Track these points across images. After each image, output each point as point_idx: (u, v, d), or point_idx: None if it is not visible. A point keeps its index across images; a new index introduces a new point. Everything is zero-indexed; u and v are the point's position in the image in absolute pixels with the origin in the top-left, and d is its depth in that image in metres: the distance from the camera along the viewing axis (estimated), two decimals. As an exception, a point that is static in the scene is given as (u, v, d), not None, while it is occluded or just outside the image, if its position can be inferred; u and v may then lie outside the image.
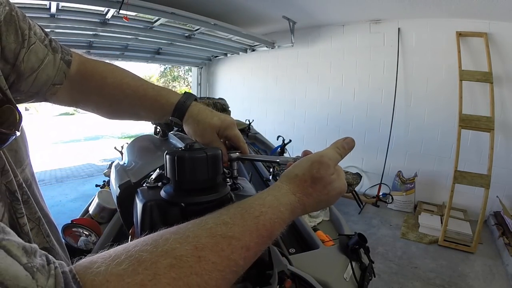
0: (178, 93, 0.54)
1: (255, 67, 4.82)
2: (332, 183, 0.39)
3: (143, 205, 0.40)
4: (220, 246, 0.28)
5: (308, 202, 0.37)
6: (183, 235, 0.28)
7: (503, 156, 2.82)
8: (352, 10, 3.20)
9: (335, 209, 1.17)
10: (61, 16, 2.44)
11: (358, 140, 2.12)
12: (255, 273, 0.45)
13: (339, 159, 0.43)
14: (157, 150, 0.78)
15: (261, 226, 0.32)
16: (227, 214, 0.32)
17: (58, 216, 3.40)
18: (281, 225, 0.34)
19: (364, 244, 0.80)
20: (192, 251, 0.27)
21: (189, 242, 0.27)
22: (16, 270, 0.19)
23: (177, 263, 0.25)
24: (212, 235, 0.29)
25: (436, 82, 3.17)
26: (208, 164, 0.41)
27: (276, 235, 0.33)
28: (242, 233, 0.30)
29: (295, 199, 0.36)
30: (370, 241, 1.11)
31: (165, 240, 0.27)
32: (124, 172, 0.61)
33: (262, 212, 0.33)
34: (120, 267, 0.23)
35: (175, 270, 0.25)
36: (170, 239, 0.27)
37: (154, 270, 0.24)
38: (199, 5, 2.80)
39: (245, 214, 0.32)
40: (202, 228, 0.30)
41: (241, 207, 0.33)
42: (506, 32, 2.72)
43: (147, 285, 0.23)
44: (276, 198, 0.35)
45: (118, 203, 0.56)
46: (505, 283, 2.05)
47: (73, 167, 5.82)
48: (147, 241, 0.27)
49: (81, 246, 0.87)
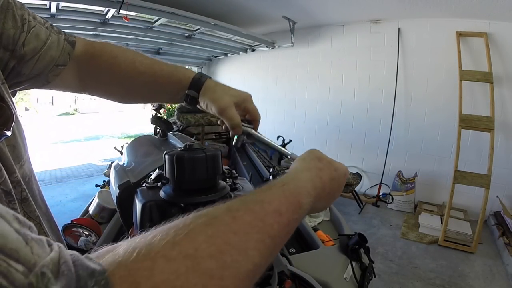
0: (192, 70, 0.55)
1: (255, 67, 4.82)
2: (333, 162, 0.41)
3: (143, 205, 0.40)
4: (252, 207, 0.28)
5: (324, 176, 0.38)
6: (212, 208, 0.27)
7: (503, 156, 2.82)
8: (352, 10, 3.20)
9: (335, 209, 1.17)
10: (61, 16, 2.44)
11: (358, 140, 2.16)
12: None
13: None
14: (156, 150, 0.78)
15: (288, 193, 0.32)
16: (251, 192, 0.33)
17: (58, 216, 3.37)
18: (305, 196, 0.34)
19: (364, 244, 0.80)
20: (225, 211, 0.26)
21: (221, 207, 0.27)
22: (2, 229, 0.15)
23: (213, 222, 0.24)
24: (243, 201, 0.29)
25: (436, 82, 3.17)
26: (207, 164, 0.41)
27: (304, 205, 0.33)
28: (271, 198, 0.30)
29: (312, 174, 0.37)
30: (370, 241, 1.11)
31: (194, 215, 0.26)
32: (124, 172, 0.61)
33: (285, 183, 0.33)
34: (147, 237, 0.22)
35: (210, 227, 0.24)
36: (198, 213, 0.26)
37: (188, 228, 0.23)
38: (199, 5, 2.80)
39: (270, 186, 0.33)
40: (232, 201, 0.29)
41: (263, 186, 0.33)
42: (506, 32, 2.72)
43: (181, 241, 0.22)
44: (294, 174, 0.36)
45: (118, 203, 0.56)
46: (505, 283, 2.05)
47: (73, 167, 5.82)
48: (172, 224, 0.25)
49: (81, 246, 0.87)
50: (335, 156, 4.32)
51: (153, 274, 0.19)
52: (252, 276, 0.25)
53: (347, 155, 3.92)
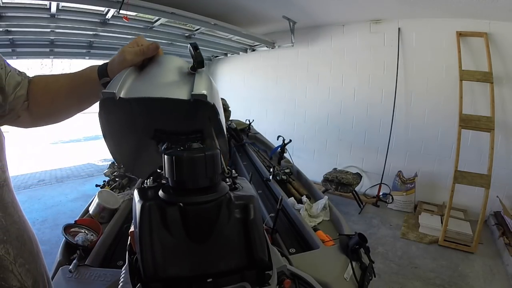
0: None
1: (255, 67, 4.82)
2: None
3: (142, 205, 0.40)
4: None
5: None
6: None
7: (503, 156, 2.82)
8: (352, 10, 3.20)
9: (335, 209, 1.17)
10: (61, 16, 2.43)
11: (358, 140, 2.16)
12: (254, 273, 0.45)
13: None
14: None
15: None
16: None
17: (58, 216, 3.42)
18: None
19: (364, 244, 0.80)
20: None
21: None
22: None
23: None
24: None
25: (436, 82, 3.17)
26: (207, 164, 0.41)
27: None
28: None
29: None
30: (370, 241, 1.11)
31: None
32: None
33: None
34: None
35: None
36: None
37: None
38: (199, 5, 2.79)
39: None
40: None
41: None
42: (506, 32, 2.71)
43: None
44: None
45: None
46: (505, 283, 2.05)
47: (73, 167, 5.82)
48: None
49: (77, 241, 0.87)
50: (335, 156, 4.32)
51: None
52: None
53: (347, 155, 3.92)
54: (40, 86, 0.57)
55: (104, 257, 0.87)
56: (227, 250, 0.42)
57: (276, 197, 1.38)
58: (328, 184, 3.29)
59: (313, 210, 1.17)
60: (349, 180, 3.21)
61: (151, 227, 0.39)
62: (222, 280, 0.41)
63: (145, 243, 0.38)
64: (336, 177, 3.24)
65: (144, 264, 0.38)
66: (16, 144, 8.89)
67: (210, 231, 0.40)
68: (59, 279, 0.73)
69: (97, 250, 0.86)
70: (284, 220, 1.16)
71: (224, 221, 0.41)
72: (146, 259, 0.38)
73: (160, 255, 0.38)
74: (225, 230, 0.41)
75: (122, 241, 0.97)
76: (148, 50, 0.52)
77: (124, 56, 0.51)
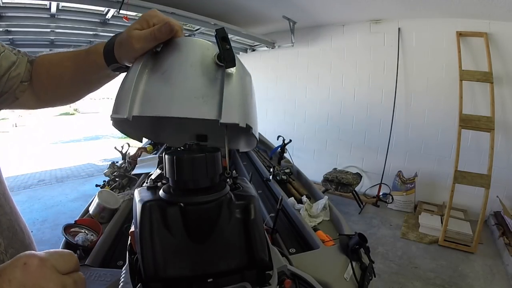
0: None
1: (255, 67, 4.82)
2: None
3: (142, 205, 0.40)
4: None
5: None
6: None
7: (503, 156, 2.83)
8: (352, 10, 3.20)
9: (335, 209, 1.17)
10: (61, 16, 2.44)
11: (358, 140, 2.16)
12: (254, 273, 0.45)
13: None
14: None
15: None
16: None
17: (58, 216, 3.42)
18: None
19: (365, 244, 0.80)
20: None
21: None
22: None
23: None
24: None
25: (436, 82, 3.17)
26: (207, 164, 0.41)
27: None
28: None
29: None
30: (370, 241, 1.11)
31: None
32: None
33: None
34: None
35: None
36: None
37: None
38: (199, 5, 2.79)
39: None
40: None
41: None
42: (506, 32, 2.72)
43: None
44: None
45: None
46: (505, 283, 2.05)
47: (73, 167, 5.82)
48: None
49: (77, 241, 0.87)
50: (335, 156, 4.33)
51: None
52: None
53: (347, 155, 3.92)
54: (43, 69, 0.53)
55: (104, 257, 0.87)
56: (228, 250, 0.42)
57: (276, 197, 1.38)
58: (328, 184, 3.29)
59: (313, 210, 1.17)
60: (349, 180, 3.21)
61: (152, 227, 0.39)
62: (222, 280, 0.41)
63: (146, 243, 0.38)
64: (336, 177, 3.24)
65: (145, 264, 0.38)
66: (16, 144, 8.89)
67: (210, 231, 0.40)
68: (59, 279, 0.73)
69: (97, 250, 0.85)
70: (284, 220, 1.16)
71: (225, 221, 0.41)
72: (146, 259, 0.38)
73: (160, 255, 0.38)
74: (226, 230, 0.41)
75: (122, 241, 0.97)
76: (160, 33, 0.41)
77: (131, 43, 0.41)
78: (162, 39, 0.41)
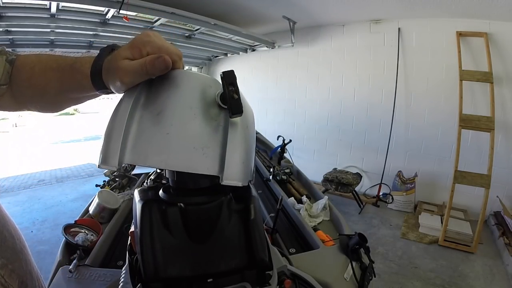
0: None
1: (255, 67, 4.82)
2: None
3: (142, 205, 0.40)
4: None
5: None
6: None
7: (503, 156, 2.82)
8: (352, 10, 3.20)
9: (335, 209, 1.17)
10: (61, 16, 2.44)
11: (358, 140, 2.15)
12: (254, 273, 0.45)
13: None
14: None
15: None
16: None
17: (58, 216, 3.42)
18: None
19: (365, 244, 0.80)
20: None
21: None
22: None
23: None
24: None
25: (436, 82, 3.17)
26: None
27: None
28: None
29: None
30: (370, 241, 1.11)
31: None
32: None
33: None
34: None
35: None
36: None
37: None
38: (199, 5, 2.79)
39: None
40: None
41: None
42: (506, 32, 2.71)
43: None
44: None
45: None
46: (505, 283, 2.05)
47: (73, 167, 5.82)
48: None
49: (77, 241, 0.87)
50: (335, 156, 4.32)
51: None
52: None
53: (347, 155, 3.92)
54: (25, 76, 0.46)
55: (104, 257, 0.87)
56: (228, 250, 0.42)
57: (276, 197, 1.38)
58: (328, 184, 3.29)
59: (313, 210, 1.17)
60: (349, 180, 3.21)
61: (152, 227, 0.39)
62: (222, 280, 0.42)
63: (146, 243, 0.38)
64: (336, 177, 3.24)
65: (145, 264, 0.38)
66: (16, 144, 8.89)
67: (210, 231, 0.41)
68: (59, 279, 0.73)
69: (97, 250, 0.86)
70: (284, 220, 1.16)
71: (225, 221, 0.41)
72: (146, 259, 0.38)
73: (160, 255, 0.38)
74: (226, 230, 0.41)
75: (122, 241, 0.97)
76: (153, 69, 0.34)
77: (120, 76, 0.36)
78: (155, 75, 0.36)
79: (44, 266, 0.87)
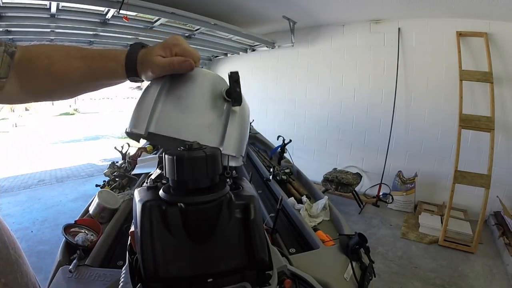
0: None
1: (255, 67, 4.82)
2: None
3: (142, 205, 0.40)
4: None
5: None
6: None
7: (503, 156, 2.82)
8: (352, 10, 3.20)
9: (335, 209, 1.17)
10: (61, 16, 2.44)
11: (358, 140, 2.16)
12: (254, 273, 0.45)
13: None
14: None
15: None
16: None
17: (58, 216, 3.42)
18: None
19: (365, 244, 0.80)
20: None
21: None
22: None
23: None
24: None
25: (436, 82, 3.17)
26: (207, 164, 0.41)
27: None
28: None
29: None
30: (370, 241, 1.11)
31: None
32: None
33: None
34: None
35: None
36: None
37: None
38: (199, 5, 2.79)
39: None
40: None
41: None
42: (506, 32, 2.72)
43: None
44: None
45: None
46: (505, 283, 2.05)
47: (73, 167, 5.82)
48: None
49: (77, 241, 0.87)
50: (335, 156, 4.32)
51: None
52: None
53: (347, 155, 3.92)
54: (41, 65, 0.48)
55: (104, 257, 0.87)
56: (228, 250, 0.42)
57: (276, 197, 1.38)
58: (328, 184, 3.29)
59: (313, 210, 1.17)
60: (349, 180, 3.21)
61: (152, 227, 0.39)
62: (222, 280, 0.41)
63: (146, 243, 0.38)
64: (336, 177, 3.24)
65: (145, 264, 0.38)
66: (16, 144, 8.89)
67: (210, 231, 0.40)
68: (59, 279, 0.73)
69: (97, 250, 0.85)
70: (284, 220, 1.16)
71: (225, 221, 0.41)
72: (146, 259, 0.38)
73: (160, 255, 0.38)
74: (226, 230, 0.41)
75: (122, 241, 0.97)
76: (180, 68, 0.46)
77: (152, 68, 0.46)
78: (181, 73, 0.48)
79: (44, 266, 0.87)
